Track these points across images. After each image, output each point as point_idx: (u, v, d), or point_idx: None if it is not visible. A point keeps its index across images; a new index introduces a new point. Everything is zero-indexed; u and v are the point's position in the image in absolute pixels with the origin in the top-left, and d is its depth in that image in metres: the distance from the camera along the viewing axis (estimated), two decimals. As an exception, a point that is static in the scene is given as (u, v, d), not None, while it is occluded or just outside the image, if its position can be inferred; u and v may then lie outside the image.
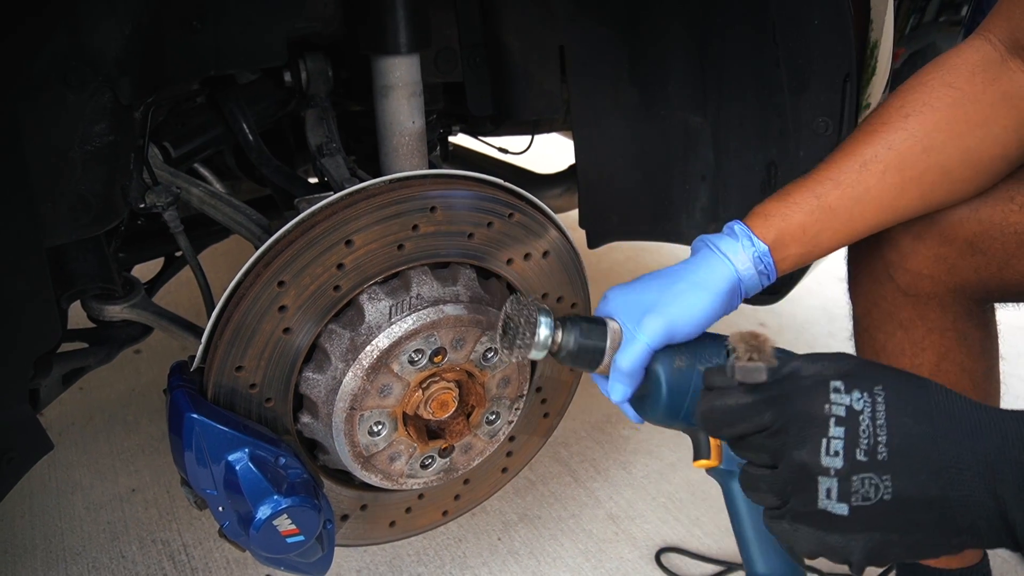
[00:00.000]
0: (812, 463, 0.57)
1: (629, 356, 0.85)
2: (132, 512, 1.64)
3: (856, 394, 0.58)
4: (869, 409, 0.57)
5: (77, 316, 1.24)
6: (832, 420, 0.57)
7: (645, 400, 0.88)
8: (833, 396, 0.58)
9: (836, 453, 0.57)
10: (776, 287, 1.30)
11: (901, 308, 1.06)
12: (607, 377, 0.90)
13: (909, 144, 0.89)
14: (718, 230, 1.39)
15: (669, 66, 1.28)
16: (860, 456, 0.56)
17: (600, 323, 0.88)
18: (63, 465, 1.76)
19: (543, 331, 0.87)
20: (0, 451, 1.00)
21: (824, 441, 0.57)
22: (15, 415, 1.01)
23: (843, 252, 1.32)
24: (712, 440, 0.88)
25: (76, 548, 1.55)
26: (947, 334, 1.05)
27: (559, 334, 0.87)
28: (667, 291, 0.88)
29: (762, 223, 0.94)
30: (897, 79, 1.28)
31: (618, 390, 0.88)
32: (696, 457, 0.89)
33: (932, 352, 1.06)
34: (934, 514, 0.54)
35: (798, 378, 0.61)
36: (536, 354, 0.88)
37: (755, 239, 0.93)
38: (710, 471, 0.90)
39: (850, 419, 0.57)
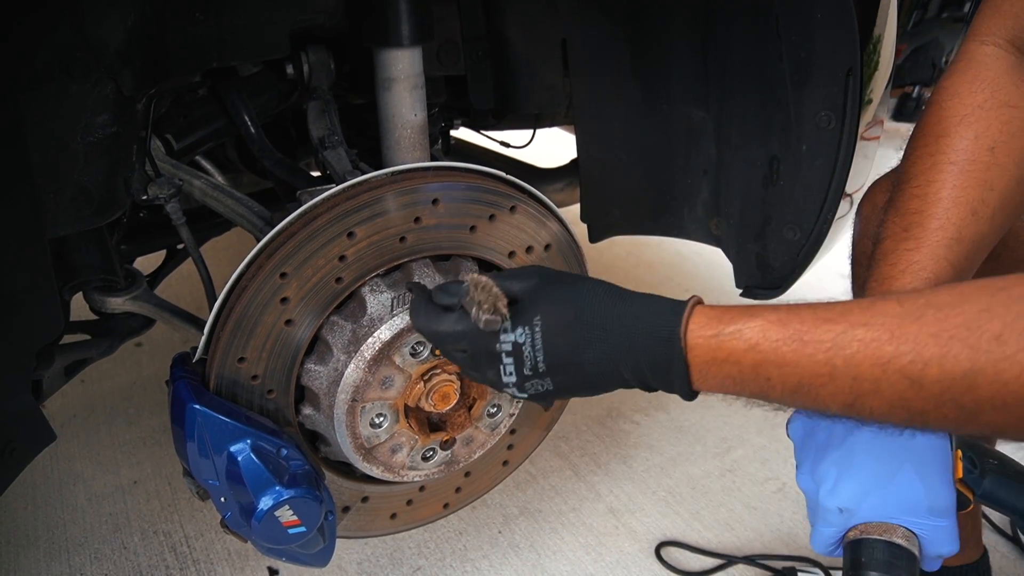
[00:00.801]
0: (496, 380, 0.83)
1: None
2: (134, 504, 1.65)
3: (519, 330, 0.79)
4: (529, 340, 0.79)
5: (79, 308, 1.24)
6: (503, 354, 0.80)
7: None
8: (502, 336, 0.80)
9: (511, 374, 0.81)
10: (778, 282, 1.31)
11: None
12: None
13: (1006, 180, 0.84)
14: (719, 225, 1.40)
15: (671, 60, 1.27)
16: (527, 372, 0.80)
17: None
18: (65, 457, 1.77)
19: None
20: (3, 442, 1.00)
21: (501, 367, 0.81)
22: (18, 406, 1.02)
23: (845, 248, 1.32)
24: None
25: (78, 539, 1.56)
26: None
27: None
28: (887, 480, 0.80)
29: None
30: (898, 75, 1.28)
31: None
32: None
33: None
34: (576, 389, 0.81)
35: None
36: None
37: None
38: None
39: (515, 351, 0.80)
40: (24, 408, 1.02)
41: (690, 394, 0.75)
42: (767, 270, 1.30)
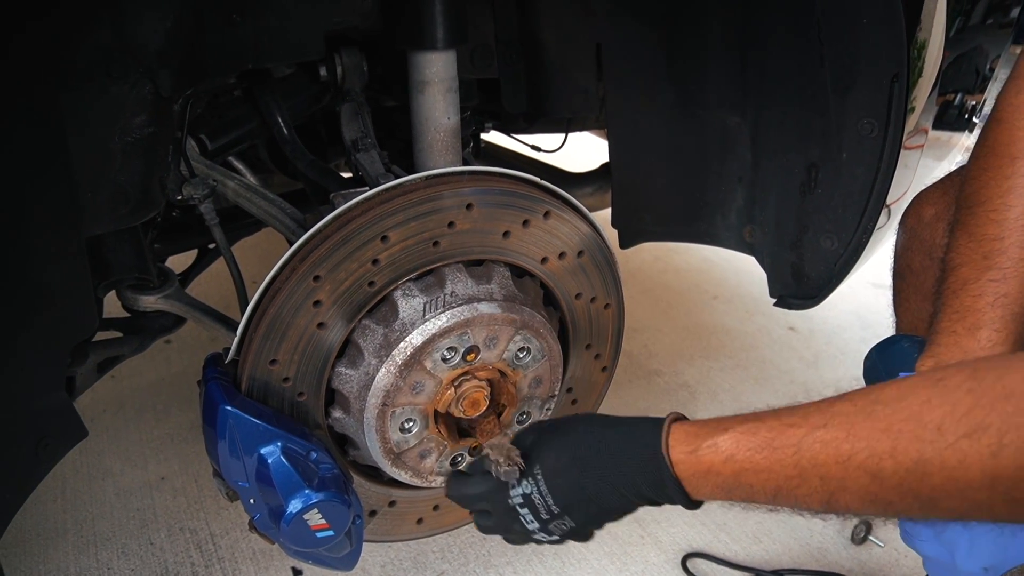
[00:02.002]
0: (524, 532, 0.88)
1: None
2: (161, 500, 1.66)
3: (525, 482, 0.86)
4: (535, 488, 0.85)
5: (112, 305, 1.25)
6: (517, 507, 0.86)
7: None
8: (511, 492, 0.87)
9: (531, 521, 0.87)
10: (813, 292, 1.28)
11: None
12: None
13: None
14: (753, 232, 1.38)
15: (708, 64, 1.25)
16: (544, 516, 0.86)
17: None
18: (95, 451, 1.79)
19: None
20: (37, 437, 1.01)
21: (521, 518, 0.87)
22: (52, 402, 1.03)
23: (880, 259, 1.29)
24: None
25: (106, 533, 1.57)
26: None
27: None
28: None
29: None
30: (941, 82, 1.25)
31: None
32: None
33: None
34: (599, 519, 0.85)
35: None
36: None
37: None
38: None
39: (527, 501, 0.86)
40: (58, 404, 1.03)
41: (691, 504, 0.79)
42: (802, 280, 1.27)
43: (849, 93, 1.04)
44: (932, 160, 1.38)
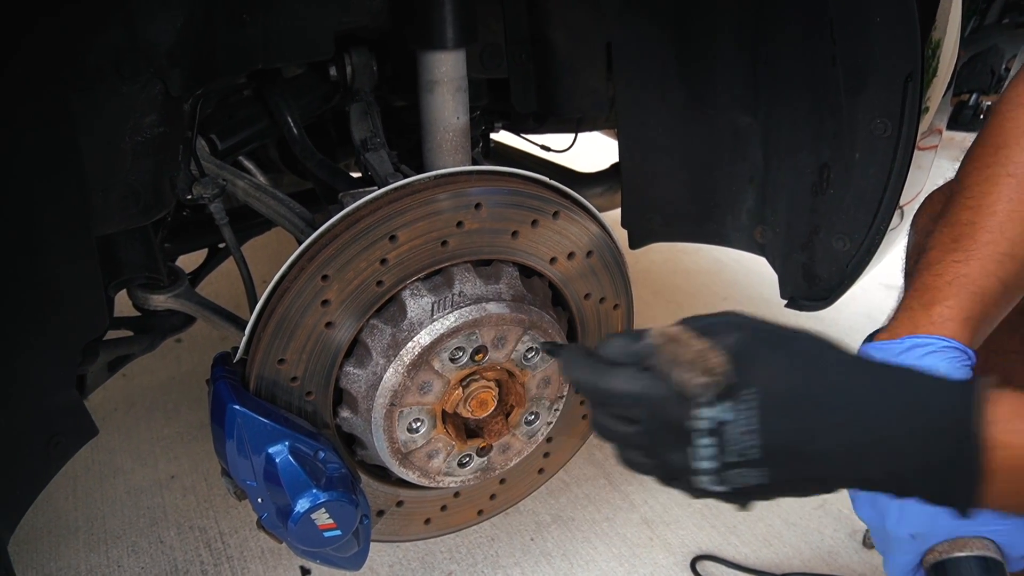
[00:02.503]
0: (682, 465, 0.62)
1: None
2: (171, 498, 1.67)
3: (726, 403, 0.59)
4: (742, 417, 0.59)
5: (122, 304, 1.26)
6: (698, 432, 0.60)
7: None
8: (701, 411, 0.60)
9: (709, 458, 0.61)
10: (825, 293, 1.27)
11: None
12: None
13: None
14: (764, 233, 1.37)
15: (719, 64, 1.25)
16: (733, 458, 0.60)
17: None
18: (106, 449, 1.80)
19: None
20: (48, 435, 1.01)
21: (692, 449, 0.61)
22: (63, 400, 1.03)
23: (894, 260, 1.28)
24: None
25: (117, 531, 1.58)
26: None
27: None
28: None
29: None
30: (956, 82, 1.24)
31: None
32: None
33: None
34: (801, 488, 0.62)
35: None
36: None
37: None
38: None
39: (718, 430, 0.60)
40: (68, 402, 1.04)
41: (972, 509, 0.58)
42: (814, 281, 1.26)
43: (862, 93, 1.03)
44: (946, 161, 1.36)
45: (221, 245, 1.56)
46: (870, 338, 0.87)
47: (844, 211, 1.15)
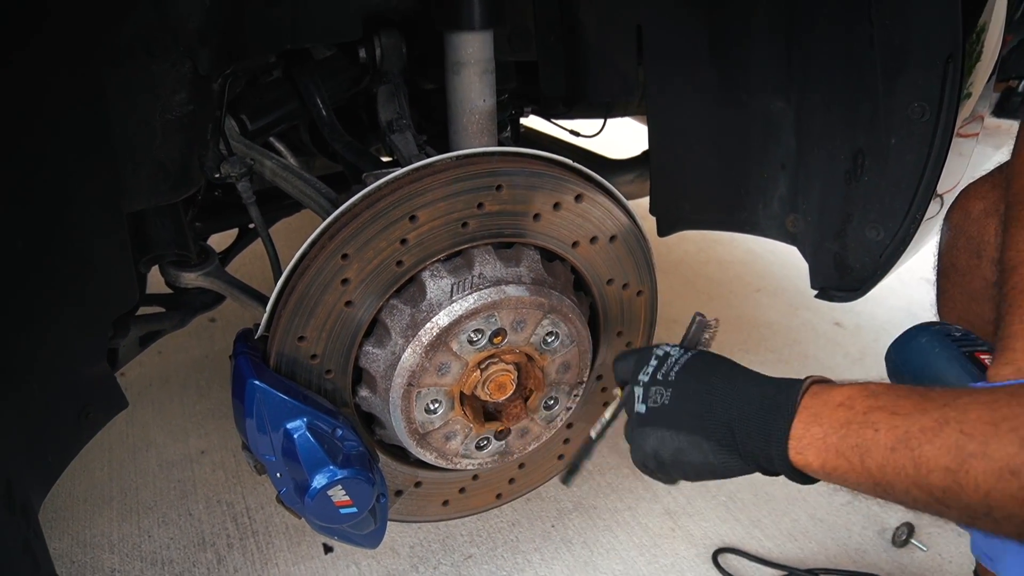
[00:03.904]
0: (634, 377, 0.90)
1: None
2: (201, 473, 1.71)
3: (677, 349, 0.90)
4: (677, 358, 0.88)
5: (156, 282, 1.29)
6: (653, 357, 0.90)
7: None
8: (663, 346, 0.91)
9: (647, 374, 0.88)
10: (856, 284, 1.23)
11: None
12: None
13: None
14: (795, 222, 1.33)
15: (752, 47, 1.22)
16: (659, 377, 0.87)
17: None
18: (140, 423, 1.85)
19: None
20: (80, 405, 1.04)
21: (644, 366, 0.89)
22: (94, 372, 1.06)
23: (932, 252, 1.24)
24: None
25: (148, 503, 1.63)
26: None
27: None
28: None
29: None
30: (1002, 68, 1.19)
31: None
32: None
33: None
34: (692, 423, 0.82)
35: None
36: None
37: None
38: None
39: (663, 359, 0.89)
40: (100, 374, 1.07)
41: (785, 458, 0.73)
42: (846, 271, 1.23)
43: (900, 76, 1.00)
44: (990, 148, 1.31)
45: (251, 225, 1.58)
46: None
47: (879, 199, 1.12)
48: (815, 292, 1.31)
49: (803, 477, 0.74)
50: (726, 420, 0.79)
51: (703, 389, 0.82)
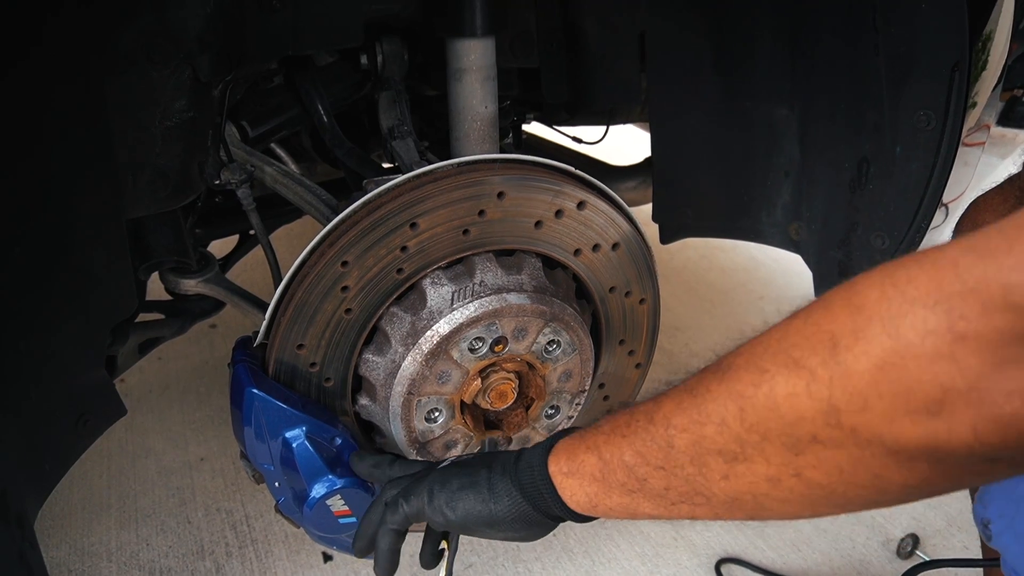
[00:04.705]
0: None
1: None
2: (200, 480, 1.70)
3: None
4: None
5: (156, 289, 1.28)
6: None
7: None
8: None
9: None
10: None
11: None
12: None
13: None
14: (799, 230, 1.32)
15: (756, 54, 1.21)
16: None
17: None
18: (139, 430, 1.84)
19: None
20: (77, 413, 1.04)
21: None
22: (92, 380, 1.05)
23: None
24: None
25: (147, 510, 1.62)
26: None
27: None
28: None
29: None
30: (1008, 77, 1.18)
31: None
32: None
33: None
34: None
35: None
36: None
37: None
38: None
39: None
40: (98, 381, 1.06)
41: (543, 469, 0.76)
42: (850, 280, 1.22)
43: (905, 83, 0.99)
44: (995, 158, 1.30)
45: (252, 232, 1.57)
46: None
47: (884, 207, 1.11)
48: (819, 301, 1.30)
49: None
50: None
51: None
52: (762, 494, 0.60)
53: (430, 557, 0.87)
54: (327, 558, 1.50)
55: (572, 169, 1.02)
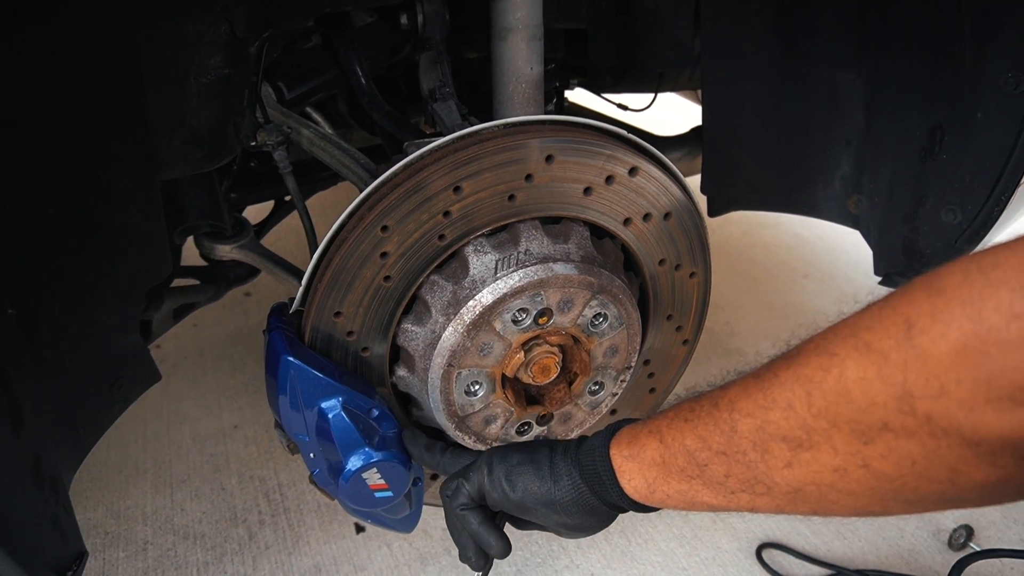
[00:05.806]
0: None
1: None
2: (233, 447, 1.69)
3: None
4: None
5: (191, 254, 1.26)
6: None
7: None
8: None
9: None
10: (926, 270, 1.14)
11: None
12: None
13: None
14: (859, 203, 1.25)
15: (821, 15, 1.13)
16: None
17: None
18: (175, 396, 1.84)
19: None
20: (112, 376, 1.02)
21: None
22: (127, 344, 1.03)
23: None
24: None
25: (182, 476, 1.62)
26: None
27: None
28: None
29: None
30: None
31: None
32: None
33: None
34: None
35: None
36: None
37: None
38: None
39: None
40: (132, 346, 1.04)
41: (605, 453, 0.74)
42: (915, 257, 1.15)
43: (992, 42, 0.91)
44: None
45: (287, 198, 1.54)
46: None
47: (958, 179, 1.03)
48: (879, 279, 1.23)
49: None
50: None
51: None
52: (827, 485, 0.57)
53: (476, 555, 0.85)
54: (359, 529, 1.48)
55: (624, 133, 0.96)
